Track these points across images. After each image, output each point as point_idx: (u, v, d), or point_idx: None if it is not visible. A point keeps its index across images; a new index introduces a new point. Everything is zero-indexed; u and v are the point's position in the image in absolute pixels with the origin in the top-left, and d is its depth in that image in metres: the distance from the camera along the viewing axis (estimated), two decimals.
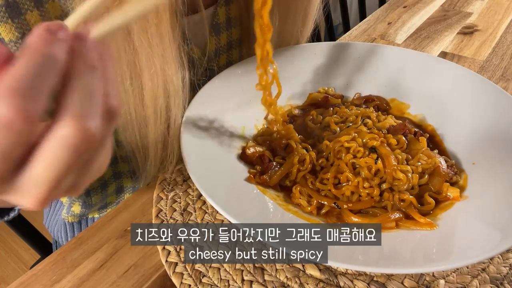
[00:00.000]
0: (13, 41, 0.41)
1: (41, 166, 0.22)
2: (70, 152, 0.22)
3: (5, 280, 1.44)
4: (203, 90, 0.52)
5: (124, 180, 0.63)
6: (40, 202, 0.24)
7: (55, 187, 0.23)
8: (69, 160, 0.22)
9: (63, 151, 0.22)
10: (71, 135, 0.21)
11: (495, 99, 0.51)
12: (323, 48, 0.62)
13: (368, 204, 0.44)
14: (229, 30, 0.59)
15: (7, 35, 0.40)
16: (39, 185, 0.23)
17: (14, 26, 0.40)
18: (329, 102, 0.59)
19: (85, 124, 0.22)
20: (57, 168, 0.22)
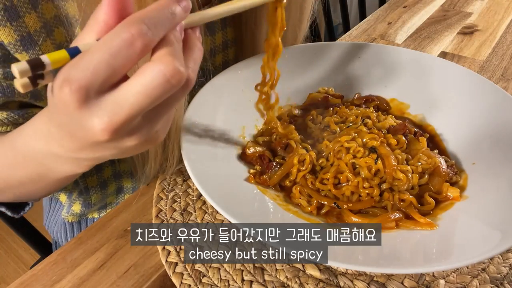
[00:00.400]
0: (12, 44, 0.41)
1: (134, 89, 0.26)
2: (163, 85, 0.25)
3: (5, 280, 1.44)
4: (202, 90, 0.52)
5: (124, 180, 0.63)
6: (112, 126, 0.26)
7: (134, 116, 0.26)
8: (159, 93, 0.26)
9: (158, 81, 0.25)
10: (168, 69, 0.25)
11: (495, 99, 0.51)
12: (323, 48, 0.62)
13: (368, 204, 0.44)
14: (224, 29, 0.59)
15: (6, 38, 0.41)
16: (122, 106, 0.26)
17: (13, 29, 0.40)
18: (329, 102, 0.59)
19: (179, 64, 0.26)
20: (147, 95, 0.26)
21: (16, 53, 0.42)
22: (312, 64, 0.61)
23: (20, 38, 0.41)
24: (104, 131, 0.26)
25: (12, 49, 0.42)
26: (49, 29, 0.43)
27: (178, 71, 0.26)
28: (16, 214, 0.50)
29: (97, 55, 0.25)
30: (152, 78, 0.25)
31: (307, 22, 0.60)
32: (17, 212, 0.50)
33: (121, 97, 0.26)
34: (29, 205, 0.51)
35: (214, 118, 0.52)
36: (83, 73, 0.25)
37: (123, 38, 0.25)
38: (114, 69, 0.25)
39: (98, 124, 0.26)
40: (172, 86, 0.26)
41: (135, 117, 0.27)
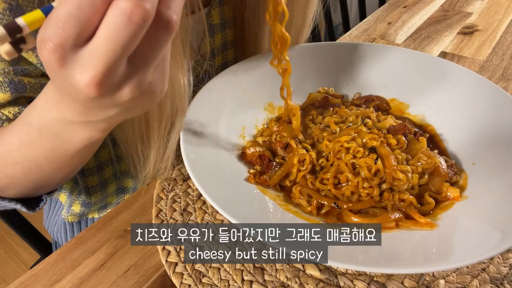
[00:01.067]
0: None
1: (102, 36, 0.24)
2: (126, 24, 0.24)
3: (5, 280, 1.44)
4: (203, 90, 0.52)
5: (124, 181, 0.63)
6: (96, 79, 0.26)
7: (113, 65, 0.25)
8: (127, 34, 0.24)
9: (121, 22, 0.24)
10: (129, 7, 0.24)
11: (495, 99, 0.51)
12: (323, 48, 0.62)
13: (368, 204, 0.44)
14: (223, 31, 0.59)
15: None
16: (97, 56, 0.25)
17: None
18: (329, 102, 0.59)
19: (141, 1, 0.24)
20: (115, 38, 0.24)
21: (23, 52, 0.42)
22: (312, 64, 0.61)
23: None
24: (89, 86, 0.26)
25: None
26: None
27: (139, 6, 0.24)
28: (31, 211, 0.50)
29: (62, 9, 0.24)
30: (114, 19, 0.24)
31: (309, 28, 0.60)
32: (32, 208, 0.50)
33: (93, 48, 0.25)
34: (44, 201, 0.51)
35: (214, 118, 0.52)
36: (54, 31, 0.24)
37: None
38: (82, 20, 0.24)
39: (81, 80, 0.26)
40: (136, 24, 0.24)
41: (113, 65, 0.26)
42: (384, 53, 0.61)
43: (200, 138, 0.48)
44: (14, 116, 0.44)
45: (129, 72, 0.28)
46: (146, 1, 0.24)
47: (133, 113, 0.34)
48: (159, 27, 0.26)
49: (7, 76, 0.43)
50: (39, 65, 0.44)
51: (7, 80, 0.42)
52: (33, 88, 0.45)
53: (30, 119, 0.38)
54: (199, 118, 0.50)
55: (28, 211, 0.49)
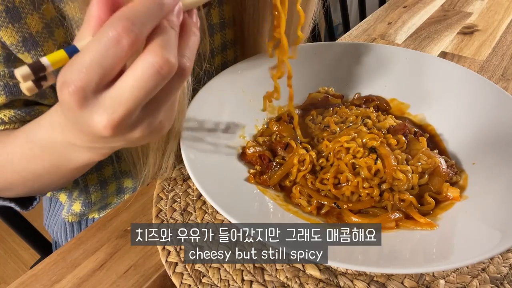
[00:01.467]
0: (14, 45, 0.42)
1: (128, 84, 0.26)
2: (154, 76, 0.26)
3: (5, 280, 1.44)
4: (203, 90, 0.52)
5: (124, 181, 0.63)
6: (113, 122, 0.27)
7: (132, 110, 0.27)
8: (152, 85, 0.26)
9: (148, 73, 0.26)
10: (158, 62, 0.26)
11: (495, 99, 0.51)
12: (323, 48, 0.62)
13: (368, 204, 0.44)
14: (223, 31, 0.59)
15: (9, 39, 0.41)
16: (119, 102, 0.27)
17: (14, 30, 0.41)
18: (329, 102, 0.59)
19: (167, 54, 0.26)
20: (140, 88, 0.26)
21: (19, 54, 0.43)
22: (312, 64, 0.61)
23: (22, 39, 0.41)
24: (105, 128, 0.27)
25: (15, 49, 0.42)
26: (50, 30, 0.44)
27: (167, 62, 0.26)
28: (24, 209, 0.51)
29: (87, 56, 0.25)
30: (143, 71, 0.26)
31: (308, 28, 0.60)
32: (25, 207, 0.51)
33: (117, 93, 0.27)
34: (37, 200, 0.52)
35: (214, 118, 0.52)
36: (77, 75, 0.26)
37: (109, 37, 0.25)
38: (106, 68, 0.26)
39: (99, 122, 0.27)
40: (163, 77, 0.26)
41: (133, 111, 0.27)
42: (384, 53, 0.61)
43: (200, 138, 0.48)
44: (9, 119, 0.45)
45: (143, 114, 0.29)
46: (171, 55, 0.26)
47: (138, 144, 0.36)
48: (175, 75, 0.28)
49: (2, 80, 0.43)
50: None
51: (1, 84, 0.43)
52: None
53: (33, 136, 0.39)
54: (199, 118, 0.50)
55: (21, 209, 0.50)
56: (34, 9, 0.41)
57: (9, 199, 0.49)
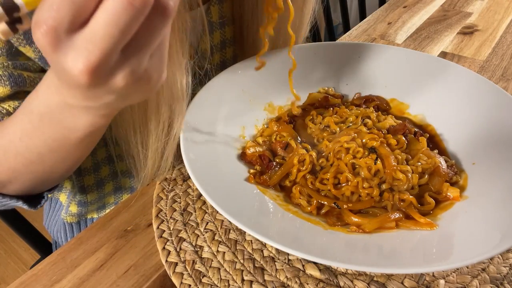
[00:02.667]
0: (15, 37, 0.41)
1: (101, 21, 0.24)
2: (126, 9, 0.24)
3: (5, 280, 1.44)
4: (202, 90, 0.52)
5: (122, 180, 0.63)
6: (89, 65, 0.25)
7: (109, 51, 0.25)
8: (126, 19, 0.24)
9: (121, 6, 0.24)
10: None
11: (495, 99, 0.51)
12: (323, 48, 0.62)
13: (368, 204, 0.44)
14: (222, 28, 0.59)
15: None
16: (94, 41, 0.24)
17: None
18: (329, 102, 0.59)
19: None
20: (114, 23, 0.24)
21: (20, 47, 0.42)
22: (312, 64, 0.61)
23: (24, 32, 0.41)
24: (82, 73, 0.25)
25: (16, 42, 0.42)
26: None
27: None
28: (33, 208, 0.50)
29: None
30: (114, 4, 0.24)
31: (307, 26, 0.60)
32: (34, 205, 0.50)
33: (90, 32, 0.24)
34: (45, 198, 0.51)
35: (214, 118, 0.52)
36: (48, 13, 0.24)
37: None
38: (77, 4, 0.24)
39: (74, 65, 0.25)
40: (137, 9, 0.24)
41: (110, 51, 0.25)
42: (384, 53, 0.61)
43: (200, 138, 0.48)
44: (14, 110, 0.44)
45: (123, 58, 0.27)
46: None
47: (132, 99, 0.33)
48: (156, 13, 0.25)
49: (7, 70, 0.43)
50: (37, 59, 0.44)
51: (6, 74, 0.42)
52: (32, 82, 0.45)
53: (32, 106, 0.37)
54: (199, 118, 0.50)
55: (29, 208, 0.49)
56: None
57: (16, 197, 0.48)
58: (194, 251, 0.43)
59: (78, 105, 0.32)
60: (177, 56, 0.41)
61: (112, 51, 0.25)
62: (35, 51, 0.43)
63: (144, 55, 0.28)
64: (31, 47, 0.43)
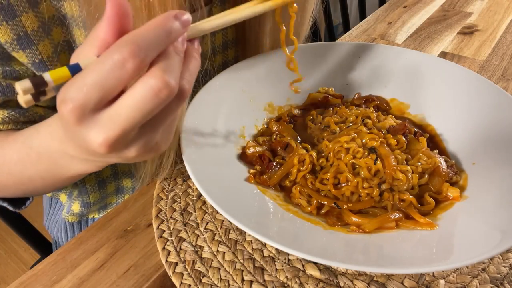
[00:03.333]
0: (8, 43, 0.42)
1: (127, 105, 0.27)
2: (153, 99, 0.26)
3: (5, 280, 1.44)
4: (203, 90, 0.52)
5: (123, 181, 0.63)
6: (108, 140, 0.28)
7: (128, 130, 0.28)
8: (151, 107, 0.27)
9: (147, 95, 0.26)
10: (158, 85, 0.26)
11: (495, 99, 0.51)
12: (323, 48, 0.62)
13: (368, 204, 0.44)
14: (224, 30, 0.59)
15: (3, 37, 0.41)
16: (116, 121, 0.27)
17: (9, 28, 0.41)
18: (329, 102, 0.59)
19: (168, 78, 0.27)
20: (138, 109, 0.27)
21: (13, 52, 0.43)
22: (312, 64, 0.61)
23: (17, 37, 0.42)
24: (101, 146, 0.28)
25: (9, 48, 0.42)
26: (48, 29, 0.43)
27: (166, 85, 0.26)
28: (17, 209, 0.52)
29: (89, 77, 0.26)
30: (142, 93, 0.26)
31: (308, 23, 0.60)
32: (18, 207, 0.52)
33: (114, 113, 0.27)
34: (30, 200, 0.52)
35: (214, 118, 0.52)
36: (77, 94, 0.26)
37: (114, 60, 0.25)
38: (106, 89, 0.26)
39: (95, 139, 0.28)
40: (161, 99, 0.27)
41: (129, 131, 0.28)
42: (384, 53, 0.61)
43: (200, 138, 0.48)
44: (3, 120, 0.45)
45: (139, 135, 0.30)
46: (172, 78, 0.27)
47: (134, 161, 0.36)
48: (174, 97, 0.28)
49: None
50: (30, 65, 0.44)
51: None
52: None
53: (32, 143, 0.40)
54: (199, 118, 0.50)
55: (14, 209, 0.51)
56: (30, 7, 0.41)
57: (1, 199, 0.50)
58: (194, 251, 0.43)
59: (80, 157, 0.34)
60: None
61: (131, 130, 0.28)
62: (28, 56, 0.44)
63: (158, 132, 0.31)
64: (24, 53, 0.43)
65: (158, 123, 0.30)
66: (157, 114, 0.29)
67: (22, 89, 0.25)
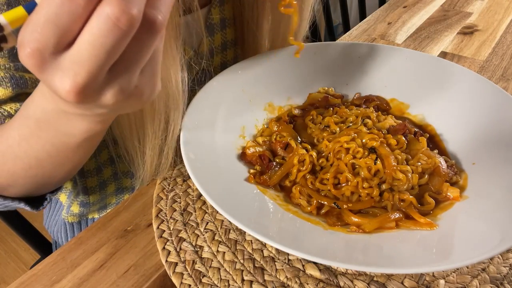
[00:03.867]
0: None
1: (85, 42, 0.24)
2: (112, 30, 0.23)
3: (5, 280, 1.44)
4: (202, 90, 0.52)
5: (123, 181, 0.63)
6: (76, 86, 0.25)
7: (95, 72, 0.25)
8: (112, 40, 0.23)
9: (106, 28, 0.23)
10: (114, 13, 0.23)
11: (495, 99, 0.51)
12: (323, 48, 0.62)
13: (368, 204, 0.44)
14: (223, 30, 0.59)
15: None
16: (80, 63, 0.24)
17: None
18: (329, 102, 0.59)
19: (126, 5, 0.23)
20: (100, 44, 0.23)
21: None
22: (312, 64, 0.61)
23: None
24: (69, 93, 0.25)
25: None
26: None
27: (124, 12, 0.23)
28: (35, 209, 0.49)
29: (41, 14, 0.23)
30: (99, 25, 0.23)
31: (306, 23, 0.60)
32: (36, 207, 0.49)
33: (75, 54, 0.24)
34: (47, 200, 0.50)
35: (214, 118, 0.52)
36: (32, 36, 0.23)
37: None
38: (61, 27, 0.23)
39: (61, 86, 0.25)
40: (122, 30, 0.23)
41: (96, 72, 0.25)
42: (384, 53, 0.61)
43: (200, 138, 0.48)
44: (15, 112, 0.44)
45: (111, 77, 0.27)
46: (132, 6, 0.23)
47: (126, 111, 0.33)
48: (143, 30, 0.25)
49: (8, 72, 0.42)
50: None
51: (8, 76, 0.42)
52: (34, 84, 0.44)
53: (28, 112, 0.37)
54: (199, 118, 0.50)
55: (32, 209, 0.49)
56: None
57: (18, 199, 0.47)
58: (194, 251, 0.43)
59: (73, 112, 0.32)
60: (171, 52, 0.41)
61: (98, 71, 0.25)
62: None
63: (133, 72, 0.27)
64: None
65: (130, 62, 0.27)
66: (127, 52, 0.25)
67: None
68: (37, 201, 0.50)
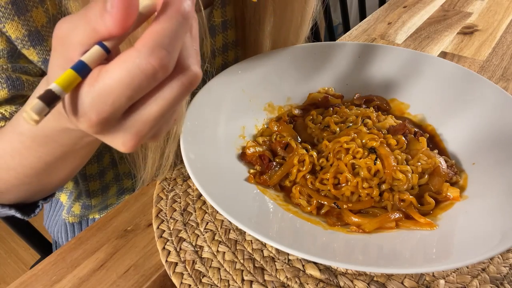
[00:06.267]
0: (19, 39, 0.40)
1: (159, 105, 0.25)
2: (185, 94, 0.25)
3: (5, 280, 1.44)
4: (202, 90, 0.52)
5: (124, 182, 0.63)
6: (137, 140, 0.26)
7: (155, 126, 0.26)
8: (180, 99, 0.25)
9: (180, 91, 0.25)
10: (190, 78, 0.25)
11: (495, 99, 0.51)
12: (323, 48, 0.62)
13: (368, 204, 0.44)
14: (224, 32, 0.59)
15: (14, 33, 0.40)
16: (146, 122, 0.25)
17: (20, 23, 0.40)
18: (329, 102, 0.59)
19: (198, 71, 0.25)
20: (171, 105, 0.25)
21: (23, 49, 0.41)
22: (312, 64, 0.61)
23: (28, 33, 0.40)
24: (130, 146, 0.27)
25: (19, 44, 0.41)
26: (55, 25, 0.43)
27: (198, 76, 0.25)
28: (26, 216, 0.48)
29: (117, 89, 0.23)
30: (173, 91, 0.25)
31: (308, 24, 0.60)
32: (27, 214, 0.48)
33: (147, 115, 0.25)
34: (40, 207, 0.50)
35: (214, 118, 0.52)
36: (101, 108, 0.24)
37: (144, 71, 0.23)
38: (135, 99, 0.24)
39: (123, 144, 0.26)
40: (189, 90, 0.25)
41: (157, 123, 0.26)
42: (384, 53, 0.61)
43: (200, 138, 0.48)
44: (10, 114, 0.43)
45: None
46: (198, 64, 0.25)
47: None
48: None
49: (4, 73, 0.42)
50: (40, 63, 0.43)
51: (4, 77, 0.41)
52: (31, 86, 0.44)
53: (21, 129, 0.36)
54: (199, 118, 0.50)
55: (22, 216, 0.48)
56: (39, 2, 0.40)
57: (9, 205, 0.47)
58: (194, 251, 0.43)
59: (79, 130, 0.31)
60: None
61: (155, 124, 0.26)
62: (39, 54, 0.42)
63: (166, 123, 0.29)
64: (35, 50, 0.42)
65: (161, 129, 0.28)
66: None
67: (37, 113, 0.22)
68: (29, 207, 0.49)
